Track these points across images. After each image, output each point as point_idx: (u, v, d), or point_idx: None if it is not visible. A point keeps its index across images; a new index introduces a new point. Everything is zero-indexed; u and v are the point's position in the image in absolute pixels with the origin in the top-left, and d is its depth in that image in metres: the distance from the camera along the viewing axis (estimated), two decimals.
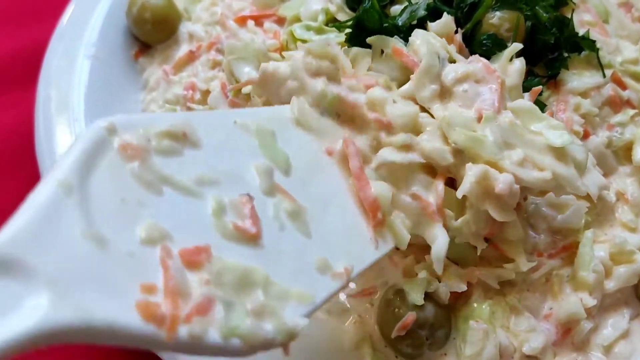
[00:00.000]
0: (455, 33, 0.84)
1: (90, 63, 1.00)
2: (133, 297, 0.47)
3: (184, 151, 0.58)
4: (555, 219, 0.81)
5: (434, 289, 0.75)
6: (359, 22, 0.85)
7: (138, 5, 1.02)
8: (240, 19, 0.99)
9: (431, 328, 0.74)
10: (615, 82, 0.92)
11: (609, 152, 0.90)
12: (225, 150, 0.61)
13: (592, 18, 0.97)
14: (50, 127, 0.91)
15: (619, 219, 0.87)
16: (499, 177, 0.68)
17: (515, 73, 0.80)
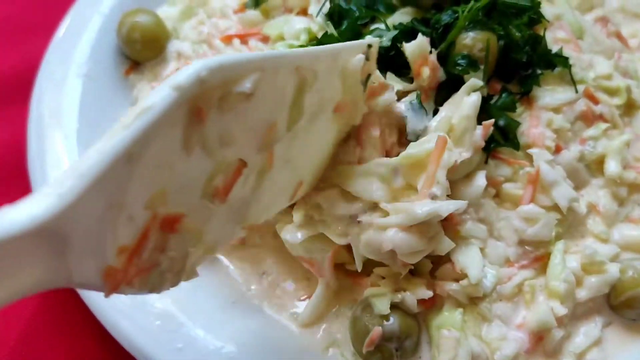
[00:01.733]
0: (430, 53, 0.88)
1: (82, 81, 1.03)
2: (107, 260, 0.50)
3: (237, 105, 0.57)
4: (525, 231, 0.85)
5: (400, 299, 0.78)
6: (321, 44, 0.90)
7: (128, 26, 1.05)
8: (227, 38, 1.03)
9: (399, 340, 0.77)
10: (587, 97, 0.95)
11: (582, 166, 0.92)
12: (263, 101, 0.60)
13: (566, 35, 1.00)
14: (43, 145, 0.95)
15: (591, 230, 0.90)
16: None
17: (471, 105, 0.83)
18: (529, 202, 0.86)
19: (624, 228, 0.91)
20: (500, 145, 0.89)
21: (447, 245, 0.78)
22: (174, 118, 0.51)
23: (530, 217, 0.85)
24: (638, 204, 0.94)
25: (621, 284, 0.84)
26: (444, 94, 0.89)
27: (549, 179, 0.86)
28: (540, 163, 0.86)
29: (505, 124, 0.89)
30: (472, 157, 0.83)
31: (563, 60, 0.95)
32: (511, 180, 0.88)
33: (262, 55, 0.59)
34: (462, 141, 0.83)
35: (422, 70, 0.87)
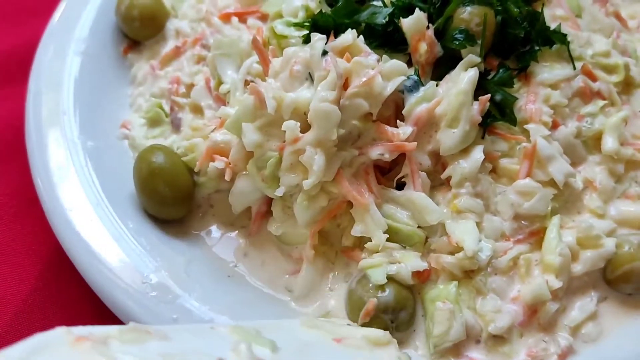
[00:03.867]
0: (427, 28, 0.88)
1: (81, 59, 1.03)
2: None
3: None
4: (521, 205, 0.84)
5: (395, 270, 0.78)
6: (314, 23, 0.90)
7: (126, 3, 1.06)
8: (225, 16, 1.03)
9: (394, 311, 0.78)
10: (585, 74, 0.95)
11: (578, 142, 0.92)
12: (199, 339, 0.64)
13: (565, 12, 1.00)
14: (40, 120, 0.95)
15: (587, 205, 0.90)
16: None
17: (468, 81, 0.83)
18: (525, 176, 0.86)
19: (621, 204, 0.91)
20: (497, 120, 0.88)
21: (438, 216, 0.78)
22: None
23: (527, 191, 0.85)
24: (635, 181, 0.94)
25: (617, 258, 0.84)
26: (441, 69, 0.89)
27: (545, 153, 0.86)
28: (537, 138, 0.86)
29: (502, 99, 0.89)
30: (469, 132, 0.84)
31: (561, 36, 0.95)
32: (508, 156, 0.88)
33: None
34: (459, 116, 0.83)
35: (419, 46, 0.88)
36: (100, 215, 0.87)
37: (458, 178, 0.83)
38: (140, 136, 0.99)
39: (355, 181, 0.82)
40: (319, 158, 0.78)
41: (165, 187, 0.88)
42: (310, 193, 0.81)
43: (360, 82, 0.79)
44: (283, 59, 0.86)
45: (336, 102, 0.78)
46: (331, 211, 0.84)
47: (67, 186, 0.89)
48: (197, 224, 0.92)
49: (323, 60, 0.81)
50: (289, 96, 0.81)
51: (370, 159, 0.82)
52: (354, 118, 0.80)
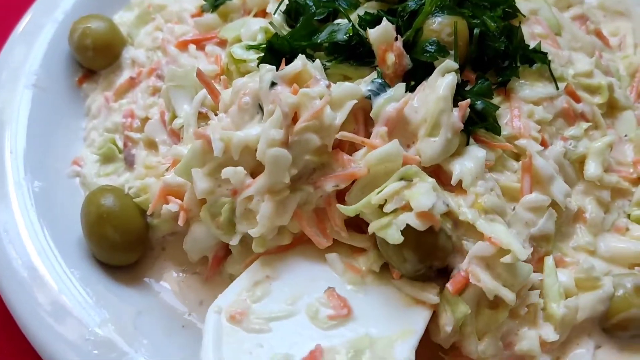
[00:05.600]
0: (396, 40, 0.82)
1: (32, 92, 0.98)
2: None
3: (272, 286, 0.75)
4: (536, 224, 0.78)
5: (404, 221, 0.70)
6: (270, 47, 0.85)
7: (79, 32, 1.00)
8: (182, 44, 0.97)
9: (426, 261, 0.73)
10: (569, 94, 0.89)
11: (567, 163, 0.86)
12: (300, 268, 0.77)
13: (543, 30, 0.94)
14: None
15: (578, 240, 0.83)
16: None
17: (446, 86, 0.77)
18: (529, 192, 0.79)
19: (611, 238, 0.85)
20: (480, 127, 0.81)
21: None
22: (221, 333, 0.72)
23: (537, 206, 0.78)
24: (623, 211, 0.87)
25: (613, 304, 0.78)
26: (412, 84, 0.82)
27: (545, 173, 0.80)
28: (534, 154, 0.79)
29: (483, 108, 0.81)
30: (451, 140, 0.77)
31: (541, 56, 0.89)
32: (497, 170, 0.81)
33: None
34: (439, 123, 0.76)
35: (386, 57, 0.82)
36: (45, 263, 0.81)
37: (470, 178, 0.75)
38: (92, 174, 0.93)
39: (316, 218, 0.76)
40: (264, 207, 0.73)
41: (115, 233, 0.81)
42: (266, 238, 0.74)
43: (308, 117, 0.72)
44: (232, 91, 0.81)
45: (284, 142, 0.72)
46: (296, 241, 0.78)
47: (10, 232, 0.83)
48: (149, 269, 0.86)
49: (272, 92, 0.75)
50: (237, 135, 0.75)
51: (327, 192, 0.75)
52: (306, 153, 0.74)
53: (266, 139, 0.73)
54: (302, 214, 0.76)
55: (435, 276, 0.74)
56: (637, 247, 0.82)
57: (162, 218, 0.83)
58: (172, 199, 0.82)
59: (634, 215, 0.86)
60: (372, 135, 0.77)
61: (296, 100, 0.74)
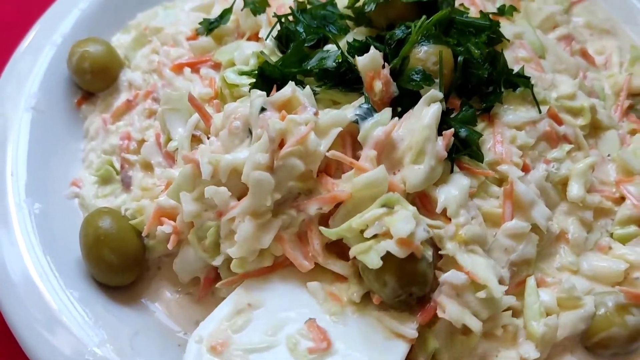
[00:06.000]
0: (383, 67, 0.84)
1: (31, 115, 1.00)
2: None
3: (252, 315, 0.76)
4: (515, 250, 0.80)
5: (387, 247, 0.72)
6: (262, 72, 0.88)
7: (77, 55, 1.03)
8: (177, 67, 1.00)
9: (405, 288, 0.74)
10: (551, 117, 0.92)
11: (550, 186, 0.89)
12: (282, 295, 0.78)
13: (527, 54, 0.97)
14: None
15: (561, 260, 0.86)
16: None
17: (431, 115, 0.79)
18: (510, 218, 0.81)
19: (593, 257, 0.87)
20: (463, 155, 0.84)
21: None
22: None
23: (517, 233, 0.81)
24: (606, 230, 0.90)
25: (594, 323, 0.81)
26: (399, 110, 0.85)
27: (526, 198, 0.82)
28: (515, 181, 0.82)
29: (466, 136, 0.84)
30: (435, 167, 0.79)
31: (525, 80, 0.91)
32: (479, 196, 0.83)
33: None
34: (424, 151, 0.79)
35: (374, 84, 0.84)
36: (45, 283, 0.84)
37: (454, 207, 0.78)
38: (90, 195, 0.96)
39: (299, 241, 0.78)
40: (243, 228, 0.76)
41: (112, 254, 0.84)
42: (246, 260, 0.77)
43: (293, 142, 0.75)
44: (223, 116, 0.84)
45: (269, 166, 0.75)
46: (278, 265, 0.81)
47: (11, 253, 0.86)
48: (145, 289, 0.89)
49: (261, 117, 0.78)
50: (225, 158, 0.78)
51: (310, 215, 0.78)
52: (290, 179, 0.77)
53: (252, 162, 0.76)
54: (285, 237, 0.78)
55: (416, 304, 0.76)
56: (619, 265, 0.85)
57: (157, 239, 0.86)
58: (166, 220, 0.84)
59: (616, 234, 0.89)
60: (362, 158, 0.80)
61: (283, 126, 0.77)
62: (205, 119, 0.88)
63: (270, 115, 0.79)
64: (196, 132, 0.89)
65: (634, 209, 0.89)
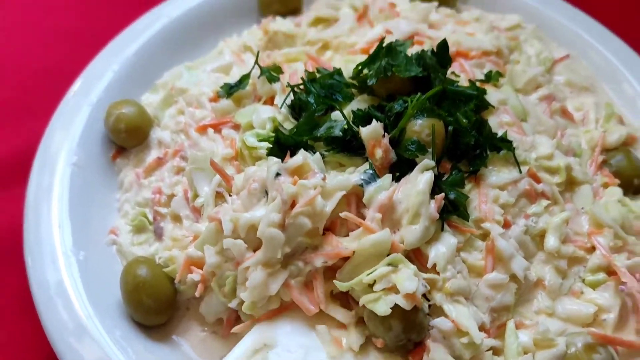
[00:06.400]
0: (383, 137, 0.97)
1: (71, 170, 1.12)
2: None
3: (268, 355, 0.88)
4: (494, 298, 0.93)
5: (393, 300, 0.85)
6: (277, 140, 1.01)
7: (114, 117, 1.16)
8: (201, 128, 1.12)
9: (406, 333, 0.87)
10: (531, 176, 1.04)
11: (528, 239, 1.01)
12: (294, 338, 0.90)
13: (510, 119, 1.09)
14: (39, 234, 1.04)
15: (539, 304, 0.98)
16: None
17: (425, 182, 0.92)
18: (491, 270, 0.94)
19: (567, 302, 0.99)
20: (452, 215, 0.96)
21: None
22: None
23: (496, 284, 0.93)
24: (579, 276, 1.02)
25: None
26: (397, 175, 0.98)
27: (506, 253, 0.95)
28: (496, 237, 0.95)
29: (455, 198, 0.97)
30: (429, 227, 0.92)
31: (507, 144, 1.04)
32: (465, 250, 0.96)
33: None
34: (419, 213, 0.92)
35: (375, 151, 0.97)
36: (90, 324, 0.96)
37: (443, 263, 0.91)
38: (127, 243, 1.08)
39: (305, 289, 0.91)
40: (254, 276, 0.89)
41: (149, 299, 0.97)
42: (256, 304, 0.90)
43: (302, 204, 0.88)
44: (244, 178, 0.97)
45: (281, 224, 0.88)
46: (285, 308, 0.93)
47: (60, 298, 0.98)
48: (176, 327, 1.01)
49: (276, 181, 0.91)
50: (244, 217, 0.91)
51: (316, 267, 0.90)
52: (299, 235, 0.90)
53: (267, 221, 0.89)
54: (293, 284, 0.90)
55: (413, 348, 0.89)
56: (589, 309, 0.97)
57: (187, 285, 0.99)
58: (195, 269, 0.97)
59: (587, 280, 1.00)
60: (368, 219, 0.92)
61: (295, 190, 0.90)
62: (226, 180, 1.01)
63: (284, 180, 0.92)
64: (219, 189, 1.03)
65: (603, 258, 1.00)
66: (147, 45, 1.31)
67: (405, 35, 1.21)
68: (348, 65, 1.14)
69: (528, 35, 1.33)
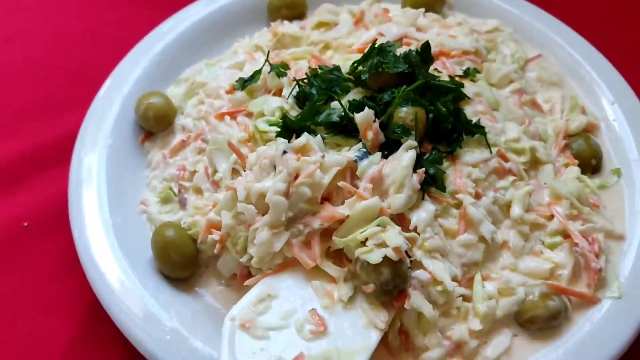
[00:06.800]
0: (374, 122, 1.15)
1: (107, 151, 1.30)
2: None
3: (271, 303, 1.02)
4: (465, 255, 1.10)
5: (384, 252, 1.00)
6: (285, 124, 1.18)
7: (144, 106, 1.34)
8: (220, 115, 1.30)
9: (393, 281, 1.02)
10: (500, 156, 1.21)
11: (496, 208, 1.18)
12: (293, 291, 1.04)
13: (484, 108, 1.27)
14: (80, 203, 1.22)
15: (504, 261, 1.16)
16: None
17: (408, 159, 1.10)
18: (463, 233, 1.11)
19: (528, 260, 1.16)
20: (431, 187, 1.14)
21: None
22: (234, 336, 0.99)
23: (467, 244, 1.10)
24: (540, 239, 1.19)
25: (524, 306, 1.09)
26: (385, 153, 1.15)
27: (476, 218, 1.12)
28: (468, 206, 1.12)
29: (434, 173, 1.14)
30: (412, 196, 1.09)
31: (480, 129, 1.22)
32: (442, 216, 1.13)
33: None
34: (404, 184, 1.09)
35: (367, 134, 1.14)
36: (128, 277, 1.13)
37: (423, 225, 1.08)
38: (155, 212, 1.26)
39: (304, 247, 1.07)
40: (261, 235, 1.05)
41: (176, 255, 1.15)
42: (263, 259, 1.07)
43: (304, 176, 1.05)
44: (256, 155, 1.14)
45: (286, 192, 1.05)
46: (288, 264, 1.09)
47: (101, 256, 1.15)
48: (198, 281, 1.18)
49: (283, 157, 1.08)
50: (255, 186, 1.07)
51: (314, 229, 1.07)
52: (300, 202, 1.06)
53: (274, 189, 1.05)
54: (294, 243, 1.06)
55: (397, 295, 1.04)
56: (546, 265, 1.13)
57: (208, 245, 1.16)
58: (214, 230, 1.14)
59: (546, 242, 1.16)
60: (360, 189, 1.09)
61: (298, 165, 1.07)
62: (241, 158, 1.18)
63: (289, 157, 1.08)
64: (235, 166, 1.21)
65: (559, 224, 1.16)
66: (171, 45, 1.49)
67: (395, 37, 1.39)
68: (346, 63, 1.31)
69: (505, 38, 1.50)
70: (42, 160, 1.45)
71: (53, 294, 1.25)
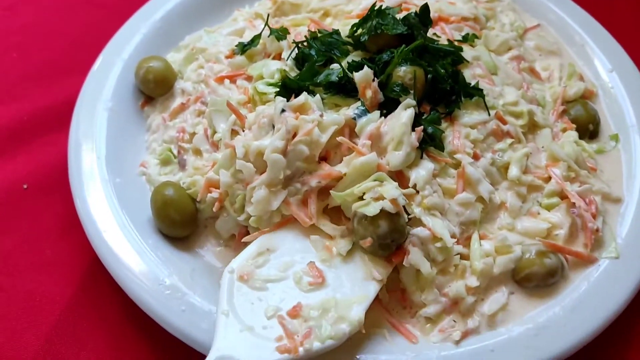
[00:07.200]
0: (373, 81, 1.15)
1: (107, 114, 1.31)
2: (273, 346, 0.93)
3: (270, 257, 1.04)
4: (463, 214, 1.11)
5: (381, 205, 1.01)
6: (284, 84, 1.19)
7: (144, 69, 1.34)
8: (219, 79, 1.31)
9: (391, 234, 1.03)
10: (498, 119, 1.22)
11: (494, 169, 1.19)
12: (291, 245, 1.06)
13: (482, 72, 1.27)
14: (80, 164, 1.23)
15: (500, 222, 1.17)
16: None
17: (407, 117, 1.10)
18: (461, 191, 1.12)
19: (525, 220, 1.17)
20: (430, 146, 1.14)
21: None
22: (233, 287, 1.01)
23: (465, 202, 1.11)
24: (537, 200, 1.20)
25: (521, 263, 1.11)
26: (384, 112, 1.15)
27: (474, 178, 1.13)
28: (466, 165, 1.13)
29: (432, 132, 1.15)
30: (410, 153, 1.10)
31: (479, 91, 1.22)
32: (440, 176, 1.13)
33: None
34: (402, 141, 1.09)
35: (366, 92, 1.15)
36: (127, 235, 1.14)
37: (422, 183, 1.09)
38: (154, 173, 1.27)
39: (302, 205, 1.08)
40: (258, 193, 1.06)
41: (175, 214, 1.16)
42: (261, 217, 1.07)
43: (302, 134, 1.06)
44: (255, 115, 1.15)
45: (284, 150, 1.05)
46: (286, 222, 1.10)
47: (101, 215, 1.16)
48: (197, 241, 1.19)
49: (281, 116, 1.09)
50: (254, 144, 1.08)
51: (311, 187, 1.08)
52: (298, 160, 1.07)
53: (272, 147, 1.06)
54: (292, 201, 1.07)
55: (395, 251, 1.05)
56: (542, 225, 1.14)
57: (207, 203, 1.16)
58: (213, 189, 1.14)
59: (543, 203, 1.18)
60: (359, 145, 1.10)
61: (296, 123, 1.07)
62: (240, 119, 1.19)
63: (288, 115, 1.09)
64: (234, 127, 1.21)
65: (557, 185, 1.18)
66: (172, 13, 1.49)
67: (395, 3, 1.39)
68: (345, 27, 1.32)
69: (504, 7, 1.51)
70: (42, 124, 1.46)
71: (52, 255, 1.26)
